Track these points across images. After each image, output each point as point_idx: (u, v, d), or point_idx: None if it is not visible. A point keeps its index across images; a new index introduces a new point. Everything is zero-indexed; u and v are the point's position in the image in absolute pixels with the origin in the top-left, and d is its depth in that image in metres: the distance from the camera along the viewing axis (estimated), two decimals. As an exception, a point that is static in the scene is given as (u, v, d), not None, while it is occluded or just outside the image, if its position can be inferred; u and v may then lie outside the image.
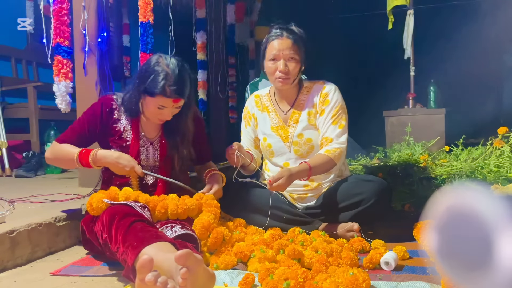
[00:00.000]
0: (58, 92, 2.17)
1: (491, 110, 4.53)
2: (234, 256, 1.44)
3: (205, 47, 3.97)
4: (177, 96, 1.55)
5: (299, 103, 1.89)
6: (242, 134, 2.04)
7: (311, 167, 1.71)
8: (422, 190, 2.31)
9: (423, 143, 3.07)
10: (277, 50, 1.78)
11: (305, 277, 1.20)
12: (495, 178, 2.24)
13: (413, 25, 4.00)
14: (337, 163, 1.79)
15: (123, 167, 1.57)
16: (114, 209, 1.38)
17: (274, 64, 1.79)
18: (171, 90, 1.53)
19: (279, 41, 1.79)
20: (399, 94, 4.22)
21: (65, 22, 2.18)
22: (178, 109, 1.63)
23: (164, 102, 1.56)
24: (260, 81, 3.65)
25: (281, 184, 1.63)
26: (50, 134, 3.10)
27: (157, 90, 1.53)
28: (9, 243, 1.46)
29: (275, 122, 1.92)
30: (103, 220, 1.37)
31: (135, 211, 1.38)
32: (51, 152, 1.69)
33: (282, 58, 1.78)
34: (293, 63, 1.79)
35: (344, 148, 1.82)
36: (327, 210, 1.82)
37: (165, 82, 1.53)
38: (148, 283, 0.90)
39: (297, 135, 1.87)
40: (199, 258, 0.97)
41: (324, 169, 1.79)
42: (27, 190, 2.30)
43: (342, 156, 1.82)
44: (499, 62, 4.87)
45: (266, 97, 1.99)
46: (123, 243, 1.22)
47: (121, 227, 1.28)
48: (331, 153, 1.77)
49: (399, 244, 1.56)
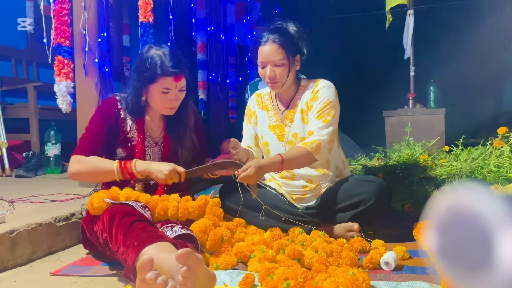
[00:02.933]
0: (59, 92, 2.17)
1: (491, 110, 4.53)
2: (234, 256, 1.44)
3: (205, 47, 3.98)
4: (177, 72, 1.57)
5: (294, 102, 1.89)
6: (244, 131, 2.04)
7: (284, 159, 1.66)
8: (422, 190, 2.31)
9: (423, 143, 3.06)
10: (263, 57, 1.78)
11: (305, 277, 1.20)
12: (495, 178, 2.24)
13: (413, 25, 4.00)
14: (315, 155, 1.70)
15: (164, 169, 1.54)
16: (114, 208, 1.38)
17: (263, 70, 1.80)
18: (170, 67, 1.56)
19: (265, 48, 1.78)
20: (399, 94, 4.22)
21: (66, 22, 2.18)
22: (182, 93, 1.64)
23: (166, 83, 1.57)
24: (260, 81, 3.65)
25: (249, 175, 1.57)
26: (50, 134, 3.10)
27: (156, 72, 1.55)
28: (9, 243, 1.46)
29: (273, 121, 1.93)
30: (103, 219, 1.37)
31: (135, 211, 1.38)
32: (80, 168, 1.59)
33: (268, 64, 1.78)
34: (280, 68, 1.78)
35: (324, 141, 1.72)
36: (327, 210, 1.82)
37: (161, 61, 1.56)
38: (149, 281, 0.91)
39: (292, 134, 1.87)
40: (199, 258, 0.97)
41: (300, 162, 1.73)
42: (27, 190, 2.30)
43: (322, 148, 1.72)
44: (499, 62, 4.87)
45: (267, 95, 2.00)
46: (124, 242, 1.23)
47: (121, 226, 1.28)
48: (308, 145, 1.70)
49: (399, 244, 1.56)
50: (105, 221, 1.36)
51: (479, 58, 4.89)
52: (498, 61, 4.85)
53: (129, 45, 4.72)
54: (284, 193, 1.93)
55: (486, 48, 4.92)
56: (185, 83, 1.63)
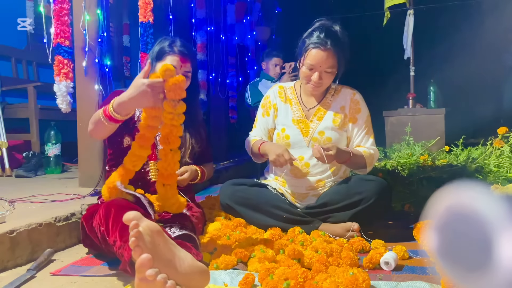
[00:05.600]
0: (59, 92, 2.17)
1: (491, 110, 4.52)
2: (234, 256, 1.44)
3: (205, 47, 3.97)
4: (184, 54, 1.65)
5: (325, 102, 1.93)
6: (256, 122, 2.03)
7: (352, 154, 1.79)
8: (422, 190, 2.31)
9: (423, 143, 3.07)
10: (316, 62, 1.75)
11: (305, 277, 1.20)
12: (495, 178, 2.24)
13: (413, 25, 4.00)
14: (366, 162, 1.83)
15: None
16: (110, 202, 1.39)
17: (310, 72, 1.79)
18: (179, 46, 1.66)
19: (320, 53, 1.74)
20: (399, 94, 4.22)
21: (66, 22, 2.18)
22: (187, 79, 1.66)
23: (173, 61, 1.64)
24: (260, 81, 3.66)
25: (330, 156, 1.68)
26: (50, 134, 3.10)
27: (165, 49, 1.66)
28: (9, 243, 1.46)
29: (297, 115, 1.93)
30: (100, 213, 1.38)
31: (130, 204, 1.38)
32: (89, 128, 1.54)
33: (318, 70, 1.77)
34: (329, 76, 1.80)
35: (376, 155, 1.89)
36: (327, 209, 1.83)
37: (172, 41, 1.69)
38: (149, 277, 0.92)
39: (319, 132, 1.88)
40: (155, 229, 1.02)
41: (357, 164, 1.85)
42: (27, 190, 2.30)
43: (373, 161, 1.87)
44: (499, 62, 4.87)
45: (290, 89, 2.00)
46: (120, 237, 1.23)
47: (117, 220, 1.28)
48: (366, 153, 1.84)
49: (399, 244, 1.56)
50: (101, 215, 1.37)
51: (479, 58, 4.89)
52: (498, 61, 4.85)
53: (129, 45, 4.72)
54: (285, 192, 1.93)
55: (486, 48, 4.91)
56: (190, 69, 1.69)
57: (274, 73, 3.63)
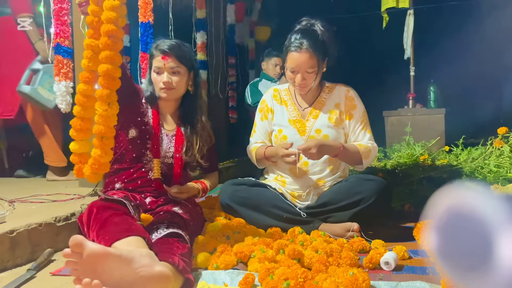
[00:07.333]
0: (59, 92, 2.17)
1: (491, 110, 4.52)
2: (234, 256, 1.44)
3: (205, 47, 3.97)
4: (165, 51, 1.69)
5: (320, 100, 1.94)
6: (255, 126, 2.04)
7: (344, 146, 1.79)
8: (422, 190, 2.31)
9: (423, 143, 3.07)
10: (296, 64, 1.80)
11: (305, 277, 1.20)
12: (495, 178, 2.24)
13: (413, 25, 4.00)
14: (363, 157, 1.83)
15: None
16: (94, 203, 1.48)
17: (293, 75, 1.83)
18: (160, 46, 1.71)
19: (298, 55, 1.78)
20: (399, 94, 4.21)
21: (66, 22, 2.18)
22: (176, 76, 1.71)
23: (157, 61, 1.70)
24: (260, 81, 3.65)
25: (313, 154, 1.69)
26: (50, 134, 3.09)
27: (152, 53, 1.74)
28: (9, 243, 1.46)
29: (293, 116, 1.95)
30: (85, 213, 1.48)
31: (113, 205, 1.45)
32: None
33: (300, 72, 1.80)
34: (312, 75, 1.82)
35: (374, 148, 1.89)
36: (327, 209, 1.83)
37: (159, 43, 1.75)
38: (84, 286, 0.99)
39: (315, 130, 1.90)
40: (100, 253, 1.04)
41: (352, 158, 1.85)
42: (27, 190, 2.30)
43: (370, 154, 1.86)
44: (499, 62, 4.86)
45: (285, 91, 2.02)
46: (97, 236, 1.33)
47: (97, 220, 1.37)
48: (362, 147, 1.84)
49: (399, 244, 1.56)
50: (85, 215, 1.46)
51: (479, 58, 4.89)
52: (498, 61, 4.85)
53: (129, 45, 4.70)
54: (285, 192, 1.93)
55: (486, 48, 4.91)
56: (175, 65, 1.71)
57: (274, 73, 3.62)
